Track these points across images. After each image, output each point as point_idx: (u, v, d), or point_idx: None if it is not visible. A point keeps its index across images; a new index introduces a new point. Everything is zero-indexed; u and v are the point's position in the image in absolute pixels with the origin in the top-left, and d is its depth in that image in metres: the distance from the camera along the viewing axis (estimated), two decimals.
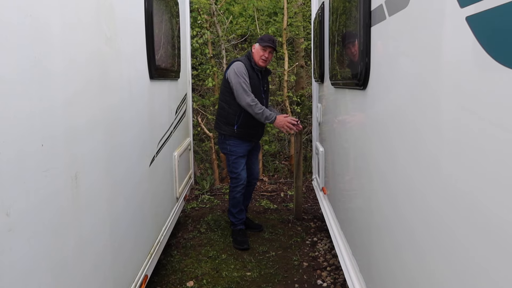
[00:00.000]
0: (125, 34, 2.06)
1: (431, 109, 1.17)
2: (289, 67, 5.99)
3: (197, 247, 3.55)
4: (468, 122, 0.96)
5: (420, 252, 1.26)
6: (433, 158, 1.16)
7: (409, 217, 1.36)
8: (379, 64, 1.71)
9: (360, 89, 1.98)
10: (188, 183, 4.06)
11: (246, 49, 6.72)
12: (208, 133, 5.60)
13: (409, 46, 1.36)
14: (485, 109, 0.89)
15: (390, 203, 1.57)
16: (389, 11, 1.53)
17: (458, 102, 1.01)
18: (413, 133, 1.31)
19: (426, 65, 1.21)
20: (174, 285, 2.95)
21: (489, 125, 0.88)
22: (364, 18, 1.81)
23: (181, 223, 4.09)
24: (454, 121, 1.04)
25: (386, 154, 1.61)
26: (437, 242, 1.13)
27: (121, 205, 2.01)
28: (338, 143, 2.81)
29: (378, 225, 1.76)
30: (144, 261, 2.42)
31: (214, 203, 4.76)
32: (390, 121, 1.55)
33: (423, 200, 1.23)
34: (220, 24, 5.84)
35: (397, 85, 1.47)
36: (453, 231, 1.03)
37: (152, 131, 2.64)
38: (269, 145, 6.06)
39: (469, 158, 0.96)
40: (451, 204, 1.04)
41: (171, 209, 3.28)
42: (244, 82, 3.36)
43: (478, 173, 0.92)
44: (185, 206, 4.51)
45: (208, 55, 5.62)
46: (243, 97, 3.35)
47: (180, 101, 3.72)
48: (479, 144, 0.91)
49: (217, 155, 5.69)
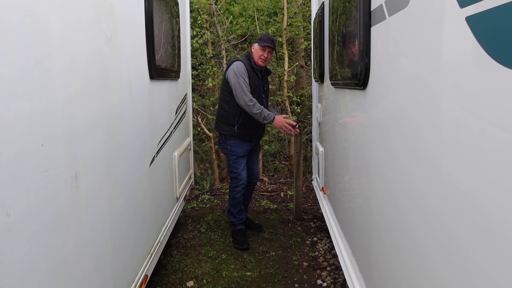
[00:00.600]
0: (125, 34, 2.06)
1: (431, 109, 1.17)
2: (289, 67, 5.99)
3: (197, 247, 3.55)
4: (468, 122, 0.96)
5: (420, 252, 1.26)
6: (433, 158, 1.16)
7: (409, 217, 1.36)
8: (379, 64, 1.71)
9: (360, 89, 1.98)
10: (188, 183, 4.06)
11: (246, 49, 6.72)
12: (208, 133, 5.60)
13: (409, 46, 1.36)
14: (485, 109, 0.89)
15: (390, 203, 1.57)
16: (389, 11, 1.53)
17: (458, 102, 1.01)
18: (413, 133, 1.31)
19: (426, 65, 1.21)
20: (174, 285, 2.95)
21: (489, 125, 0.88)
22: (364, 18, 1.81)
23: (181, 223, 4.09)
24: (454, 121, 1.04)
25: (386, 154, 1.61)
26: (437, 242, 1.13)
27: (121, 205, 2.01)
28: (338, 143, 2.81)
29: (378, 225, 1.76)
30: (144, 261, 2.42)
31: (214, 203, 4.76)
32: (390, 121, 1.55)
33: (423, 200, 1.23)
34: (220, 24, 5.84)
35: (397, 85, 1.47)
36: (453, 231, 1.03)
37: (152, 131, 2.64)
38: (269, 145, 6.06)
39: (469, 158, 0.96)
40: (451, 204, 1.04)
41: (171, 209, 3.28)
42: (243, 82, 3.36)
43: (478, 173, 0.92)
44: (185, 206, 4.51)
45: (208, 55, 5.62)
46: (241, 97, 3.35)
47: (180, 101, 3.72)
48: (479, 144, 0.91)
49: (217, 155, 5.69)
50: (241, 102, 3.37)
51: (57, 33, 1.37)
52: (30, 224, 1.20)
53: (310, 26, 5.25)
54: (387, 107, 1.60)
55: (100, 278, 1.73)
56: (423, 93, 1.23)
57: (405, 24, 1.39)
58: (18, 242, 1.14)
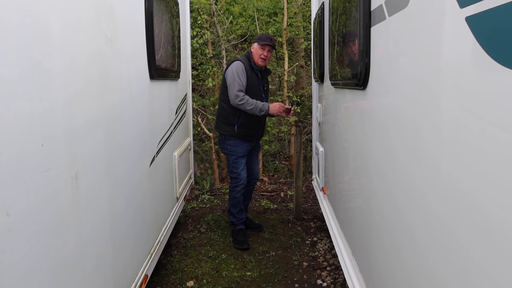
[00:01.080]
0: (125, 34, 2.06)
1: (431, 109, 1.17)
2: (289, 67, 5.99)
3: (197, 247, 3.55)
4: (468, 122, 0.96)
5: (420, 252, 1.26)
6: (433, 158, 1.16)
7: (409, 217, 1.36)
8: (379, 64, 1.71)
9: (360, 89, 1.98)
10: (188, 183, 4.06)
11: (246, 49, 6.72)
12: (208, 133, 5.60)
13: (409, 46, 1.36)
14: (485, 109, 0.89)
15: (390, 203, 1.57)
16: (389, 11, 1.53)
17: (458, 102, 1.01)
18: (413, 133, 1.31)
19: (426, 65, 1.21)
20: (174, 285, 2.95)
21: (489, 125, 0.88)
22: (364, 18, 1.81)
23: (181, 223, 4.09)
24: (454, 121, 1.04)
25: (386, 154, 1.61)
26: (437, 242, 1.13)
27: (121, 205, 2.01)
28: (338, 143, 2.81)
29: (378, 225, 1.76)
30: (144, 261, 2.42)
31: (214, 203, 4.76)
32: (390, 121, 1.55)
33: (423, 200, 1.23)
34: (220, 24, 5.84)
35: (397, 85, 1.47)
36: (453, 231, 1.03)
37: (152, 131, 2.64)
38: (269, 145, 6.06)
39: (469, 158, 0.96)
40: (451, 204, 1.04)
41: (171, 209, 3.28)
42: (238, 82, 3.37)
43: (478, 173, 0.92)
44: (185, 206, 4.51)
45: (208, 55, 5.62)
46: (233, 97, 3.36)
47: (181, 101, 3.72)
48: (479, 144, 0.91)
49: (217, 155, 5.69)
50: (233, 103, 3.37)
51: (57, 33, 1.37)
52: (30, 224, 1.20)
53: (310, 26, 5.26)
54: (387, 107, 1.60)
55: (100, 278, 1.74)
56: (423, 93, 1.23)
57: (405, 24, 1.39)
58: (19, 242, 1.14)
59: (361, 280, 2.08)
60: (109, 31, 1.83)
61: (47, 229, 1.30)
